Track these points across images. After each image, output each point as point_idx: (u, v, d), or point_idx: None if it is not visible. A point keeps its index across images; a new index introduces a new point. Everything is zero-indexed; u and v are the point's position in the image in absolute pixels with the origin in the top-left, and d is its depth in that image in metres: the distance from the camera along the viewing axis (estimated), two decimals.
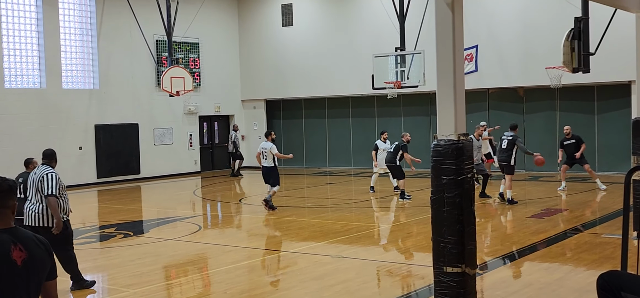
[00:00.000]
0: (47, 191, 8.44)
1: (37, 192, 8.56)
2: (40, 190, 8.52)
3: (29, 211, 8.59)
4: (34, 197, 8.60)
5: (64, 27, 22.96)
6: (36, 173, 8.70)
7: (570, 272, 9.20)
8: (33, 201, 8.61)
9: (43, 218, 8.53)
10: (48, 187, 8.45)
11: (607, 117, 21.50)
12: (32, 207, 8.59)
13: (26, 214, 8.58)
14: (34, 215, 8.54)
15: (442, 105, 6.70)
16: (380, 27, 24.12)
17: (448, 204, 6.54)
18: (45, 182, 8.49)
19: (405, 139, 17.12)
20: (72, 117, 22.89)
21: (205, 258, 11.13)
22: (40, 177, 8.57)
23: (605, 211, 14.51)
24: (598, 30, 16.91)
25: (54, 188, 8.46)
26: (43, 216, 8.53)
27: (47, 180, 8.51)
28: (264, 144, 15.50)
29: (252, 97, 28.36)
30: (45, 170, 8.66)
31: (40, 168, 8.74)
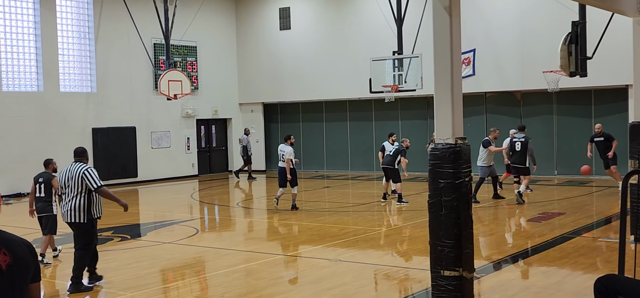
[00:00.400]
0: (94, 185, 8.78)
1: (75, 188, 8.81)
2: (79, 187, 8.78)
3: (65, 209, 8.87)
4: (70, 194, 8.85)
5: (61, 30, 22.95)
6: (72, 172, 8.88)
7: (567, 276, 9.20)
8: (70, 198, 8.85)
9: (77, 214, 8.83)
10: (93, 181, 8.79)
11: (605, 121, 21.49)
12: (68, 203, 8.86)
13: (64, 210, 8.89)
14: (71, 212, 8.84)
15: (440, 109, 6.70)
16: (378, 30, 24.14)
17: (445, 208, 6.54)
18: (88, 178, 8.79)
19: (405, 145, 17.15)
20: (69, 120, 22.87)
21: (202, 262, 11.12)
22: (81, 174, 8.82)
23: (602, 215, 14.53)
24: (595, 34, 16.95)
25: (98, 181, 8.82)
26: (77, 212, 8.82)
27: (89, 175, 8.80)
28: (282, 147, 16.07)
29: (250, 101, 28.35)
30: (82, 167, 8.90)
31: (75, 166, 8.93)
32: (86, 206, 8.86)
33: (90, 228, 8.98)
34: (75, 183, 8.82)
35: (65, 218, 8.98)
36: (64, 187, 8.95)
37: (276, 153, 14.98)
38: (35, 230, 14.42)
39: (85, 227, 8.92)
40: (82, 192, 8.83)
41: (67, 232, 12.09)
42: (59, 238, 11.75)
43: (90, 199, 8.89)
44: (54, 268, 10.72)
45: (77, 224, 8.88)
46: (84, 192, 8.83)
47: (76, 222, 8.87)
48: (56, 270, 10.60)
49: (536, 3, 21.13)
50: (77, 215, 8.85)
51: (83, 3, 23.61)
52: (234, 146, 28.63)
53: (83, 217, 8.87)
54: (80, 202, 8.83)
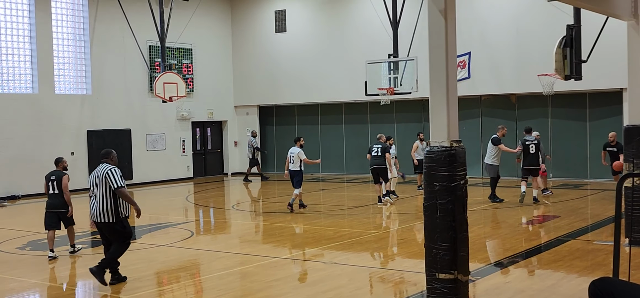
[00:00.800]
0: (114, 185, 9.05)
1: (101, 188, 9.13)
2: (104, 187, 9.10)
3: (93, 208, 9.20)
4: (99, 194, 9.16)
5: (56, 32, 22.91)
6: (98, 173, 9.22)
7: (562, 279, 9.22)
8: (98, 198, 9.17)
9: (105, 214, 9.14)
10: (114, 181, 9.07)
11: (599, 125, 21.57)
12: (95, 203, 9.18)
13: (92, 210, 9.22)
14: (98, 211, 9.15)
15: (435, 112, 6.71)
16: (373, 33, 24.17)
17: (441, 211, 6.55)
18: (111, 178, 9.08)
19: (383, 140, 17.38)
20: (64, 122, 22.82)
21: (197, 265, 11.10)
22: (104, 175, 9.13)
23: (597, 218, 14.56)
24: (590, 37, 16.99)
25: (119, 181, 9.10)
26: (105, 212, 9.13)
27: (112, 175, 9.10)
28: (292, 149, 16.43)
29: (245, 103, 28.34)
30: (106, 168, 9.21)
31: (101, 167, 9.26)
32: (113, 206, 9.16)
33: (121, 227, 9.28)
34: (102, 183, 9.15)
35: (94, 218, 9.26)
36: (94, 188, 9.27)
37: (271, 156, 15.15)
38: (30, 232, 14.40)
39: (115, 226, 9.22)
40: (108, 192, 9.14)
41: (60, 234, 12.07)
42: (57, 240, 11.72)
43: (117, 199, 9.19)
44: (51, 270, 10.69)
45: (107, 224, 9.18)
46: (110, 192, 9.14)
47: (105, 222, 9.17)
48: (54, 272, 10.58)
49: (531, 6, 21.18)
50: (105, 215, 9.16)
51: (78, 5, 23.57)
52: (229, 149, 28.63)
53: (111, 216, 9.17)
54: (107, 202, 9.13)
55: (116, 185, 9.07)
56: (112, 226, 9.21)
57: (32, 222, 16.58)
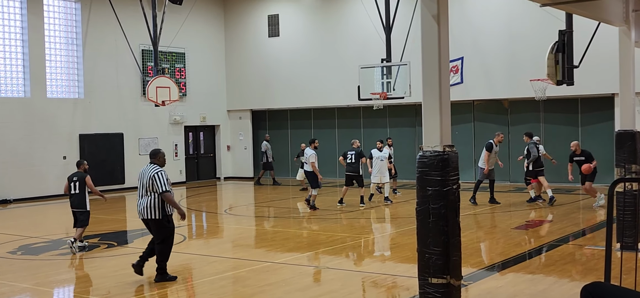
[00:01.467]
0: (160, 190, 9.42)
1: (147, 188, 9.48)
2: (150, 188, 9.45)
3: (139, 206, 9.59)
4: (144, 193, 9.54)
5: (48, 36, 22.85)
6: (146, 173, 9.57)
7: (554, 284, 9.24)
8: (143, 197, 9.56)
9: (152, 211, 9.50)
10: (160, 185, 9.42)
11: (591, 130, 21.67)
12: (142, 202, 9.56)
13: (139, 208, 9.61)
14: (144, 209, 9.53)
15: (428, 117, 6.72)
16: (367, 38, 24.21)
17: (433, 215, 6.55)
18: (157, 182, 9.43)
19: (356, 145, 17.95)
20: (56, 126, 22.74)
21: (189, 269, 11.07)
22: (151, 177, 9.48)
23: (588, 223, 14.60)
24: (582, 43, 17.07)
25: (165, 185, 9.44)
26: (151, 209, 9.50)
27: (158, 179, 9.44)
28: (306, 151, 17.38)
29: (238, 108, 28.32)
30: (154, 170, 9.57)
31: (149, 168, 9.63)
32: (160, 203, 9.50)
33: (166, 223, 9.63)
34: (148, 183, 9.49)
35: (140, 215, 9.64)
36: (140, 186, 9.63)
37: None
38: (21, 237, 14.34)
39: (161, 223, 9.57)
40: (154, 191, 9.48)
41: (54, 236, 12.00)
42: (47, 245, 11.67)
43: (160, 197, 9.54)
44: (42, 275, 10.64)
45: (153, 220, 9.55)
46: (154, 191, 9.50)
47: (152, 218, 9.53)
48: (46, 276, 10.52)
49: (524, 12, 21.26)
50: (152, 212, 9.51)
51: (71, 9, 23.52)
52: (222, 153, 28.59)
53: (158, 213, 9.51)
54: (154, 200, 9.49)
55: (161, 189, 9.43)
56: (158, 222, 9.56)
57: (23, 226, 16.52)
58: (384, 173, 18.10)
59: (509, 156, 22.95)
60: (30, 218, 18.08)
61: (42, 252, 12.52)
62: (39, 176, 22.24)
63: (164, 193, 9.43)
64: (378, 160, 17.98)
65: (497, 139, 17.57)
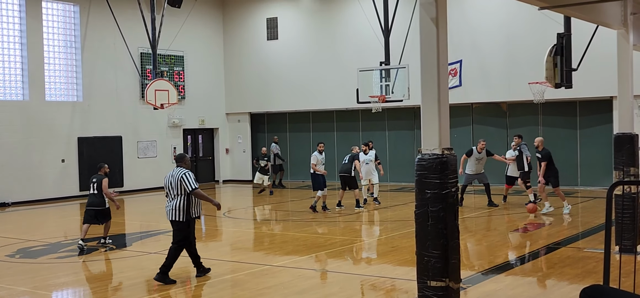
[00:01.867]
0: (189, 188, 9.80)
1: (175, 191, 9.85)
2: (179, 190, 9.81)
3: (167, 208, 9.95)
4: (172, 196, 9.91)
5: (47, 39, 22.84)
6: (173, 176, 9.92)
7: (553, 286, 9.24)
8: (171, 199, 9.93)
9: (176, 213, 9.87)
10: (188, 184, 9.80)
11: (589, 132, 21.69)
12: (170, 204, 9.92)
13: (167, 210, 9.96)
14: (172, 210, 9.89)
15: (427, 120, 6.72)
16: (365, 41, 24.22)
17: (432, 218, 6.54)
18: (185, 182, 9.80)
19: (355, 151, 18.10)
20: (55, 129, 22.73)
21: (188, 272, 11.05)
22: (179, 178, 9.83)
23: (587, 225, 14.61)
24: (580, 46, 17.08)
25: (193, 184, 9.83)
26: (176, 211, 9.86)
27: (186, 179, 9.82)
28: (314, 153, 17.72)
29: (237, 111, 28.32)
30: (181, 172, 9.93)
31: (176, 171, 9.97)
32: (185, 206, 9.85)
33: (187, 226, 9.95)
34: (176, 185, 9.84)
35: (168, 216, 9.98)
36: (167, 189, 9.98)
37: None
38: (19, 240, 14.32)
39: (182, 225, 9.91)
40: (181, 193, 9.84)
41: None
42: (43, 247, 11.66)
43: (189, 200, 9.89)
44: (40, 278, 10.62)
45: (176, 222, 9.90)
46: (183, 194, 9.84)
47: (176, 220, 9.89)
48: (44, 279, 10.51)
49: (522, 15, 21.27)
50: (177, 214, 9.86)
51: (69, 12, 23.52)
52: (221, 156, 28.58)
53: (182, 216, 9.86)
54: (180, 203, 9.84)
55: (190, 188, 9.79)
56: (180, 224, 9.90)
57: (21, 229, 16.49)
58: (373, 174, 18.48)
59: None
60: (29, 222, 18.06)
61: (40, 255, 12.50)
62: (37, 179, 22.22)
63: (194, 191, 9.80)
64: (364, 164, 18.32)
65: (480, 145, 17.71)
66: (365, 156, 18.38)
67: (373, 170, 18.46)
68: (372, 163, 18.43)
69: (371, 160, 18.39)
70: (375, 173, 18.52)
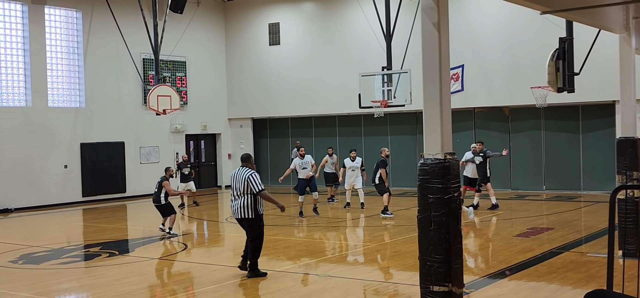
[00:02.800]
0: (256, 190, 10.15)
1: (242, 190, 10.17)
2: (246, 190, 10.15)
3: (234, 207, 10.29)
4: (239, 194, 10.23)
5: (50, 45, 22.89)
6: (239, 175, 10.26)
7: (556, 291, 9.22)
8: (236, 198, 10.26)
9: (246, 211, 10.22)
10: (255, 185, 10.16)
11: (592, 137, 21.67)
12: (237, 202, 10.26)
13: (233, 208, 10.34)
14: (240, 209, 10.24)
15: (429, 124, 6.72)
16: (367, 46, 24.23)
17: (435, 223, 6.54)
18: (252, 183, 10.15)
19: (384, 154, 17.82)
20: (57, 135, 22.76)
21: (191, 278, 11.06)
22: (245, 178, 10.18)
23: (590, 230, 14.58)
24: (582, 50, 17.07)
25: (260, 185, 10.20)
26: (245, 209, 10.21)
27: (253, 180, 10.17)
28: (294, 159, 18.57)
29: (239, 116, 28.34)
30: (247, 172, 10.28)
31: (242, 171, 10.32)
32: (253, 204, 10.21)
33: (259, 222, 10.34)
34: (242, 185, 10.17)
35: (235, 214, 10.35)
36: (233, 188, 10.32)
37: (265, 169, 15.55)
38: (22, 246, 14.34)
39: (254, 222, 10.28)
40: (248, 192, 10.18)
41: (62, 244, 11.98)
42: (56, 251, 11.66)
43: (256, 198, 10.25)
44: (43, 284, 10.63)
45: (246, 219, 10.27)
46: (250, 193, 10.19)
47: (245, 217, 10.25)
48: (47, 285, 10.50)
49: (524, 19, 21.27)
50: (246, 212, 10.22)
51: (72, 18, 23.57)
52: (223, 161, 28.59)
53: (251, 213, 10.23)
54: (247, 201, 10.19)
55: (257, 189, 10.13)
56: (252, 221, 10.25)
57: (24, 235, 16.51)
58: (357, 181, 18.68)
59: (510, 163, 22.94)
60: (32, 227, 18.07)
61: (43, 261, 12.51)
62: (40, 185, 22.24)
63: (260, 192, 10.15)
64: (349, 170, 18.64)
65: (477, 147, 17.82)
66: (352, 163, 18.64)
67: (357, 176, 18.70)
68: (358, 170, 18.66)
69: (357, 167, 18.62)
70: (359, 179, 18.74)
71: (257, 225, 10.35)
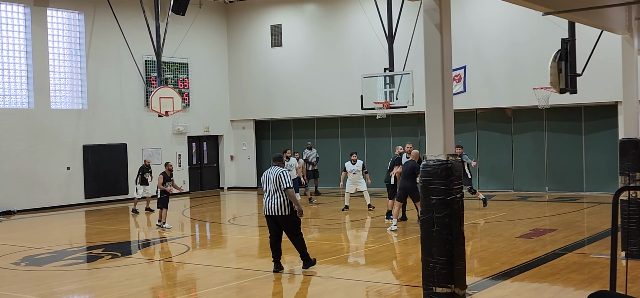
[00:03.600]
0: (284, 185, 10.47)
1: (275, 186, 10.51)
2: (278, 186, 10.48)
3: (268, 203, 10.60)
4: (273, 192, 10.56)
5: (52, 47, 22.92)
6: (272, 173, 10.61)
7: (559, 292, 9.21)
8: (272, 195, 10.57)
9: (282, 208, 10.54)
10: (285, 182, 10.50)
11: (594, 138, 21.64)
12: (271, 200, 10.57)
13: (267, 205, 10.63)
14: (274, 206, 10.55)
15: (431, 126, 6.72)
16: (369, 47, 24.23)
17: (437, 224, 6.54)
18: (282, 179, 10.50)
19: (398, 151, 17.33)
20: (60, 137, 22.78)
21: (193, 279, 11.06)
22: (277, 175, 10.53)
23: (593, 231, 14.57)
24: (585, 51, 17.06)
25: (289, 182, 10.54)
26: (281, 207, 10.53)
27: (283, 177, 10.53)
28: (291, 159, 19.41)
29: (241, 117, 28.35)
30: (278, 170, 10.63)
31: (274, 169, 10.68)
32: (287, 200, 10.54)
33: (294, 217, 10.69)
34: (275, 183, 10.53)
35: (268, 212, 10.62)
36: (266, 186, 10.65)
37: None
38: (25, 248, 14.36)
39: (290, 218, 10.62)
40: (280, 189, 10.52)
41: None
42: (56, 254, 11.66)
43: None
44: (46, 286, 10.63)
45: (281, 216, 10.58)
46: (282, 190, 10.51)
47: (280, 214, 10.57)
48: (50, 287, 10.51)
49: (526, 20, 21.25)
50: (280, 209, 10.54)
51: (74, 20, 23.60)
52: (226, 163, 28.60)
53: (286, 209, 10.56)
54: (283, 199, 10.52)
55: (285, 186, 10.47)
56: (289, 217, 10.60)
57: (27, 237, 16.52)
58: (360, 183, 18.59)
59: (513, 165, 22.93)
60: (34, 229, 18.09)
61: (46, 263, 12.52)
62: (42, 187, 22.27)
63: (287, 189, 10.48)
64: (351, 174, 18.55)
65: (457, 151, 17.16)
66: (353, 166, 18.57)
67: (360, 179, 18.58)
68: (360, 173, 18.59)
69: (358, 170, 18.57)
70: (362, 181, 18.63)
71: (294, 220, 10.68)
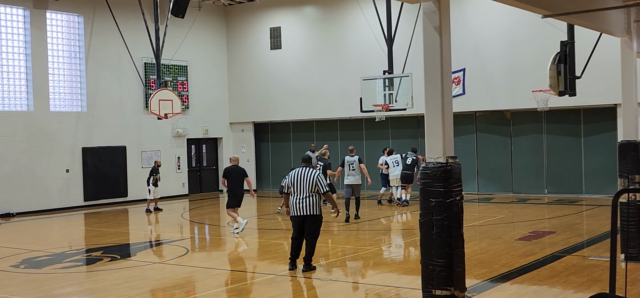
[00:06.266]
0: (322, 190, 10.84)
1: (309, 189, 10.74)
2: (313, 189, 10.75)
3: (299, 204, 10.79)
4: (307, 194, 10.76)
5: (51, 49, 22.91)
6: (305, 175, 10.82)
7: (558, 295, 9.20)
8: (305, 197, 10.76)
9: (314, 208, 10.81)
10: (322, 186, 10.84)
11: (594, 140, 21.65)
12: (303, 201, 10.78)
13: (298, 206, 10.81)
14: (306, 206, 10.76)
15: (430, 128, 6.72)
16: (368, 50, 24.24)
17: (437, 227, 6.54)
18: (319, 183, 10.81)
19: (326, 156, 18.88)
20: (59, 139, 22.77)
21: (192, 282, 11.05)
22: (315, 179, 10.80)
23: (592, 234, 14.57)
24: (584, 53, 17.07)
25: (326, 186, 10.93)
26: (313, 207, 10.80)
27: (321, 182, 10.85)
28: None
29: (240, 120, 28.35)
30: (314, 172, 10.92)
31: (307, 171, 10.90)
32: (319, 202, 10.87)
33: (321, 220, 10.99)
34: (309, 184, 10.76)
35: (297, 212, 10.80)
36: (296, 187, 10.81)
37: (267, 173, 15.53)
38: (24, 250, 14.35)
39: (318, 218, 10.91)
40: (315, 191, 10.80)
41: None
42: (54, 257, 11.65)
43: (320, 197, 10.91)
44: (45, 289, 10.61)
45: (312, 216, 10.83)
46: (317, 192, 10.83)
47: (312, 214, 10.81)
48: (49, 290, 10.50)
49: (525, 23, 21.27)
50: (312, 209, 10.79)
51: (74, 22, 23.60)
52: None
53: (317, 210, 10.85)
54: (314, 199, 10.80)
55: (324, 190, 10.83)
56: (317, 218, 10.88)
57: (26, 239, 16.51)
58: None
59: (511, 168, 22.94)
60: (34, 232, 18.07)
61: (45, 266, 12.51)
62: (42, 189, 22.25)
63: (326, 192, 10.82)
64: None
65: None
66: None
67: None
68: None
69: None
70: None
71: (320, 222, 10.96)
